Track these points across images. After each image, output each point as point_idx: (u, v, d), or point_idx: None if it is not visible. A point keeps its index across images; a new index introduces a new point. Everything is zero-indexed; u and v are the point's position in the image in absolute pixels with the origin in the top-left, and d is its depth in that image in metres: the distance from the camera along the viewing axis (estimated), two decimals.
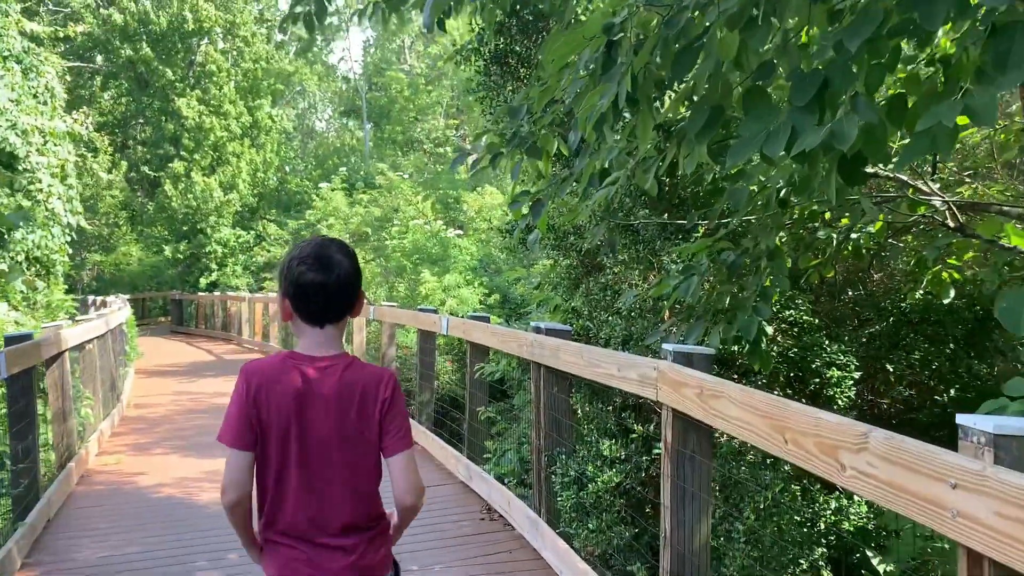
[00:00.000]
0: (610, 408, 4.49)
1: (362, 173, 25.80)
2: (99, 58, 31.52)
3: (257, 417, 1.98)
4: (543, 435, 4.74)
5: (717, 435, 3.79)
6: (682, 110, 3.77)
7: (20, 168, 13.38)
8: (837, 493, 4.47)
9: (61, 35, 16.69)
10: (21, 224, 10.45)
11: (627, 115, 4.00)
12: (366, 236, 16.62)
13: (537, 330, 4.82)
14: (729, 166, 3.85)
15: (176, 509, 5.93)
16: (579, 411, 4.71)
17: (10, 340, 5.33)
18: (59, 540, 5.21)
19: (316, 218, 21.77)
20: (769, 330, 3.87)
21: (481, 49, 5.62)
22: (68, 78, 27.96)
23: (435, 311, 8.01)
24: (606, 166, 3.47)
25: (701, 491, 3.00)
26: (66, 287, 22.27)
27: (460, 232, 14.63)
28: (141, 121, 32.88)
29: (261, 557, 2.11)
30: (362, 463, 2.03)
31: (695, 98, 2.71)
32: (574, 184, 4.12)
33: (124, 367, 12.73)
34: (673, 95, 3.22)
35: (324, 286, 1.97)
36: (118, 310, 11.59)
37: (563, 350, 4.30)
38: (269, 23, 30.46)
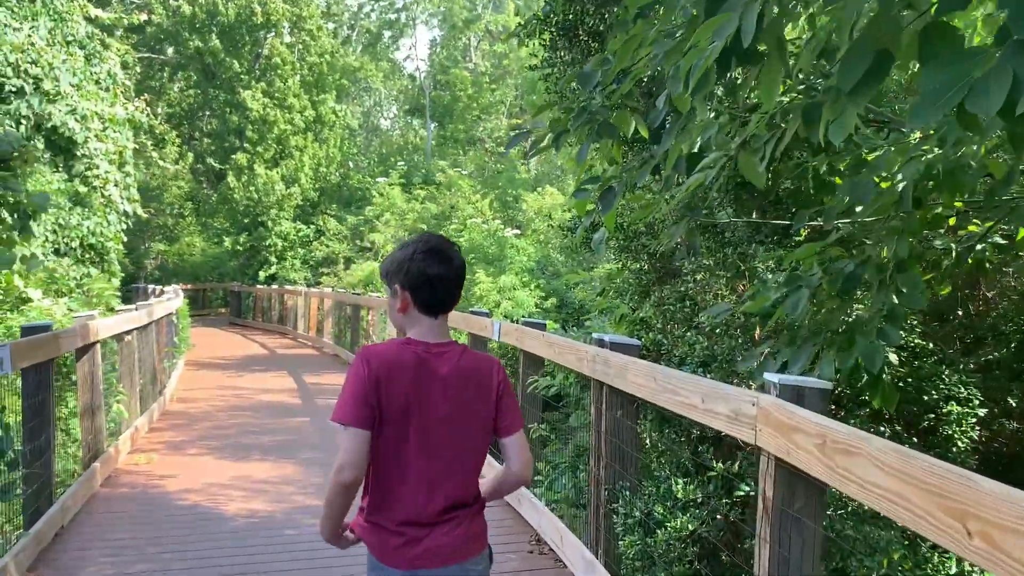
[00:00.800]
0: (684, 439, 3.83)
1: (423, 171, 25.45)
2: (170, 50, 31.93)
3: (376, 398, 2.03)
4: (603, 465, 4.11)
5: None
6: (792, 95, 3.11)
7: (78, 154, 13.28)
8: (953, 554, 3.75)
9: (126, 22, 16.65)
10: (50, 206, 10.22)
11: (718, 92, 3.35)
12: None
13: (600, 343, 4.19)
14: (848, 150, 3.17)
15: (199, 521, 5.46)
16: (647, 440, 4.06)
17: (27, 331, 4.92)
18: (68, 552, 4.78)
19: (375, 214, 21.45)
20: (893, 358, 3.17)
21: (549, 19, 5.00)
22: (138, 69, 28.32)
23: (488, 314, 7.44)
24: (695, 149, 2.83)
25: (812, 566, 2.34)
26: (123, 275, 22.47)
27: (518, 232, 14.05)
28: (207, 113, 33.20)
29: (342, 543, 2.18)
30: (474, 444, 2.13)
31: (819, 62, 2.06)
32: (648, 176, 3.49)
33: (172, 359, 12.48)
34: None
35: (445, 278, 2.10)
36: (167, 300, 11.30)
37: (631, 370, 3.66)
38: (336, 17, 30.39)
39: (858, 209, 3.18)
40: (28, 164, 5.40)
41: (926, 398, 3.98)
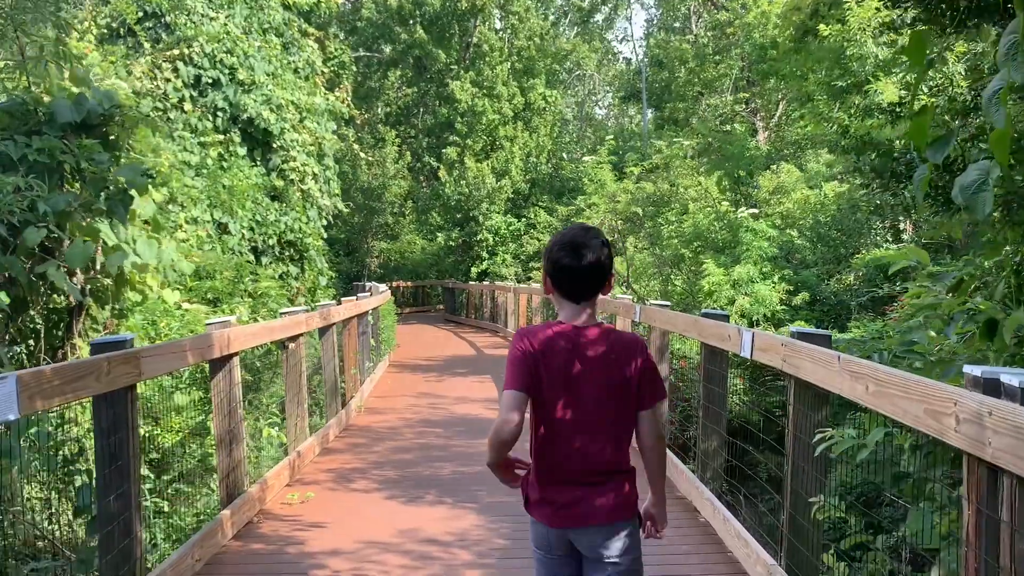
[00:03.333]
0: None
1: (638, 154, 23.46)
2: (387, 49, 32.28)
3: (535, 370, 2.27)
4: None
5: None
6: None
7: (275, 145, 12.70)
8: None
9: (325, 9, 16.13)
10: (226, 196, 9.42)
11: None
12: (638, 219, 14.21)
13: (993, 387, 2.13)
14: None
15: None
16: None
17: (98, 347, 3.64)
18: None
19: (586, 203, 19.78)
20: None
21: None
22: (355, 67, 28.66)
23: (726, 317, 5.43)
24: None
25: None
26: (335, 274, 22.36)
27: (755, 212, 11.70)
28: (422, 110, 33.25)
29: (512, 481, 2.42)
30: (621, 415, 2.33)
31: None
32: None
33: (368, 362, 11.50)
34: None
35: (575, 270, 2.29)
36: (356, 300, 10.24)
37: None
38: None
39: None
40: (128, 131, 4.19)
41: None
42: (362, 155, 26.60)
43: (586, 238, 2.30)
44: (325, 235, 13.97)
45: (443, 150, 26.81)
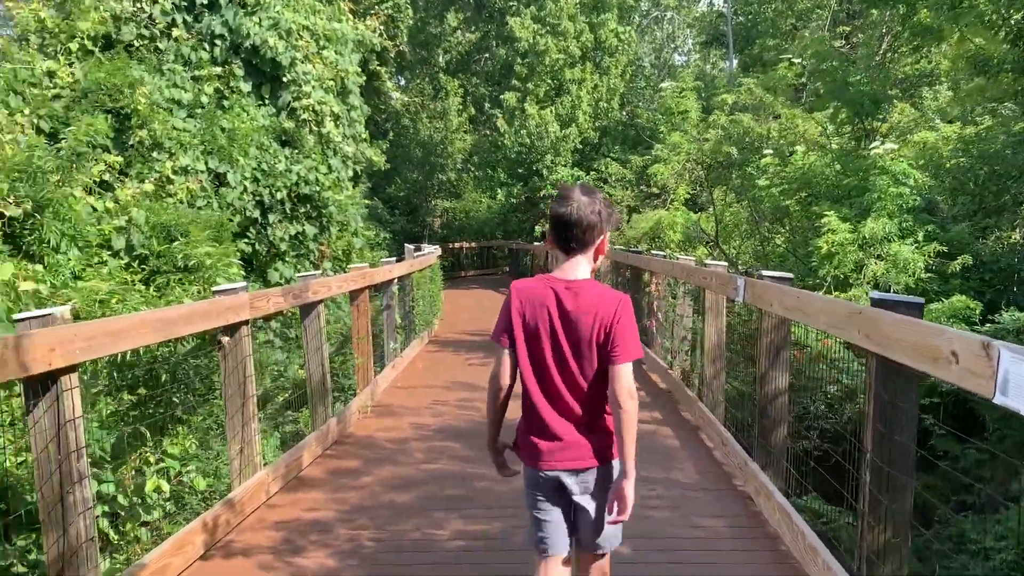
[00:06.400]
0: None
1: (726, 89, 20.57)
2: None
3: (519, 323, 2.45)
4: None
5: None
6: None
7: (285, 80, 10.58)
8: None
9: None
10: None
11: None
12: (728, 165, 11.60)
13: None
14: None
15: None
16: None
17: None
18: None
19: (667, 145, 17.18)
20: None
21: None
22: (411, 11, 26.35)
23: (920, 306, 3.02)
24: None
25: None
26: (387, 235, 20.23)
27: (894, 147, 8.97)
28: (486, 56, 30.84)
29: (500, 460, 2.65)
30: (597, 367, 2.41)
31: None
32: None
33: (393, 343, 9.41)
34: None
35: (563, 216, 2.41)
36: (365, 268, 8.08)
37: None
38: None
39: None
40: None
41: None
42: (404, 99, 24.27)
43: (574, 191, 2.44)
44: (350, 188, 11.85)
45: (501, 96, 24.32)
